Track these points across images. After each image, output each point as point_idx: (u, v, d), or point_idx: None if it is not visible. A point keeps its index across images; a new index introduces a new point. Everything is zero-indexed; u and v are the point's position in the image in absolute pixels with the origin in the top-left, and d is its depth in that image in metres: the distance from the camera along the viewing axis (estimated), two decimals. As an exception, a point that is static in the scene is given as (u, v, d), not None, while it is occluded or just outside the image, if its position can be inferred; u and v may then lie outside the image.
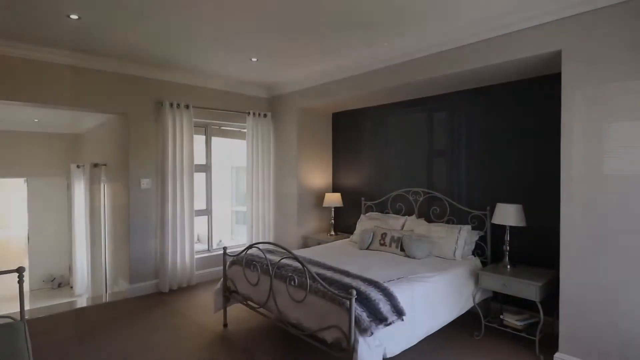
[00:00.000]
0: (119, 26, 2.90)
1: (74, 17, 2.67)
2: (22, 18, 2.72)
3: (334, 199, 4.72)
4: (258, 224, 4.98)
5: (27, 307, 5.47)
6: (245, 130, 4.96)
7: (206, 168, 4.82)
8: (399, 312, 2.24)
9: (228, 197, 7.73)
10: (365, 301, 2.17)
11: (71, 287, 6.94)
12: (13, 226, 10.57)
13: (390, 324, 2.17)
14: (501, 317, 3.01)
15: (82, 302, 4.29)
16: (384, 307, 2.20)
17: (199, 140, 4.77)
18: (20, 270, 2.33)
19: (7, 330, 2.09)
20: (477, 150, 3.58)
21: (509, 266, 3.04)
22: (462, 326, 3.16)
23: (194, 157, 4.40)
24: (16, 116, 5.58)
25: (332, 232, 4.75)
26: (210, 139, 4.86)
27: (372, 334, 2.07)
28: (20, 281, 2.34)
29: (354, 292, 2.06)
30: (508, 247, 3.08)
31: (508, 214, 2.99)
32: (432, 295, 2.69)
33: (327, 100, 4.35)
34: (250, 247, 3.03)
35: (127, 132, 4.03)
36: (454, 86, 3.57)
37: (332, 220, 4.80)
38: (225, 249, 3.30)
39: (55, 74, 3.52)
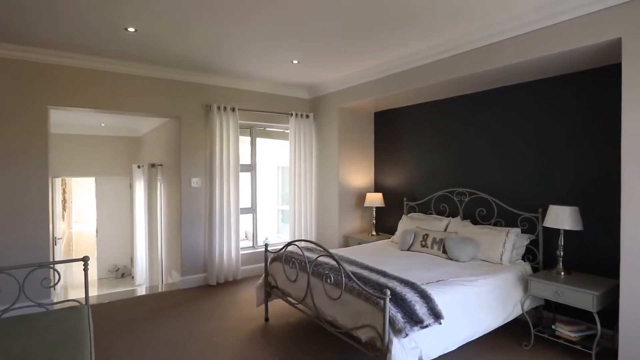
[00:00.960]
0: (171, 37, 3.13)
1: (131, 30, 2.94)
2: (87, 33, 3.04)
3: (375, 199, 4.68)
4: (300, 223, 5.08)
5: (94, 293, 6.03)
6: (288, 131, 5.09)
7: (251, 168, 5.02)
8: (437, 315, 2.18)
9: (274, 196, 7.96)
10: (400, 302, 2.15)
11: (132, 277, 7.57)
12: (86, 221, 11.75)
13: (426, 326, 2.12)
14: (553, 327, 2.80)
15: (140, 291, 4.67)
16: (420, 309, 2.16)
17: (245, 141, 4.99)
18: (85, 259, 2.60)
19: (74, 313, 2.34)
20: (527, 148, 3.37)
21: (562, 273, 2.82)
22: (510, 335, 2.99)
23: (239, 157, 4.60)
24: (86, 121, 6.22)
25: (374, 232, 4.72)
26: (255, 140, 5.05)
27: (406, 335, 2.04)
28: (85, 269, 2.62)
29: (388, 292, 2.05)
30: (562, 253, 2.87)
31: (562, 217, 2.78)
32: (474, 299, 2.58)
33: (368, 100, 4.33)
34: (289, 244, 3.12)
35: (179, 134, 4.33)
36: (501, 81, 3.39)
37: (374, 221, 4.76)
38: (266, 245, 3.42)
39: (116, 82, 3.88)
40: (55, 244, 5.54)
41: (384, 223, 4.89)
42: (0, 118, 3.35)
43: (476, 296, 2.61)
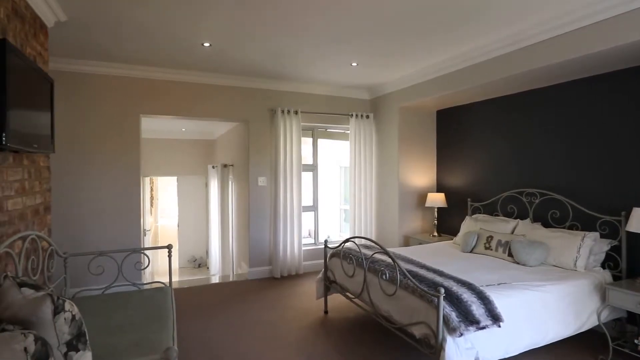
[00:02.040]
0: (241, 49, 3.44)
1: (206, 45, 3.30)
2: (171, 50, 3.48)
3: (437, 199, 4.59)
4: (360, 222, 5.16)
5: (175, 279, 6.74)
6: (348, 132, 5.20)
7: (313, 168, 5.23)
8: (495, 318, 2.13)
9: (337, 195, 8.12)
10: (455, 301, 2.14)
11: (207, 268, 8.31)
12: (169, 216, 13.08)
13: (483, 327, 2.09)
14: (636, 341, 2.53)
15: (214, 280, 5.16)
16: (477, 310, 2.13)
17: (307, 142, 5.22)
18: (169, 247, 2.99)
19: (160, 293, 2.72)
20: (605, 146, 3.07)
21: (649, 283, 2.54)
22: (585, 346, 2.77)
23: (301, 157, 4.83)
24: (169, 127, 6.98)
25: (435, 233, 4.63)
26: (317, 141, 5.25)
27: (461, 334, 2.03)
28: (169, 255, 3.01)
29: (442, 290, 2.06)
30: (649, 260, 2.58)
31: (649, 221, 2.50)
32: (539, 305, 2.45)
33: (430, 98, 4.27)
34: (346, 241, 3.24)
35: (248, 136, 4.69)
36: (575, 74, 3.13)
37: (435, 221, 4.67)
38: (326, 241, 3.58)
39: (194, 91, 4.34)
40: (145, 235, 6.33)
41: (446, 224, 4.77)
42: (103, 126, 3.96)
43: (543, 302, 2.47)
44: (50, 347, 1.24)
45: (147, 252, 3.34)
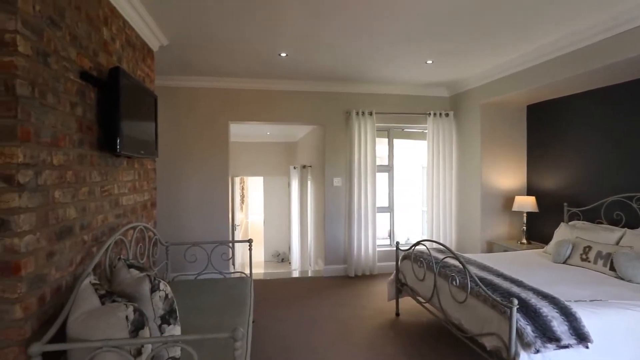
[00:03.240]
0: (316, 56, 3.62)
1: (283, 55, 3.54)
2: (253, 62, 3.80)
3: (526, 203, 4.18)
4: (439, 225, 4.96)
5: (260, 271, 7.27)
6: (426, 131, 5.04)
7: (388, 169, 5.19)
8: (581, 337, 1.91)
9: (417, 197, 7.89)
10: (532, 314, 1.97)
11: (289, 262, 8.78)
12: (257, 213, 14.12)
13: (565, 346, 1.88)
14: None
15: (293, 274, 5.47)
16: (559, 327, 1.92)
17: (383, 142, 5.20)
18: (249, 241, 3.29)
19: (242, 282, 3.02)
20: None
21: None
22: None
23: (376, 158, 4.84)
24: (255, 131, 7.56)
25: (523, 240, 4.22)
26: (392, 141, 5.20)
27: (537, 351, 1.86)
28: (250, 249, 3.31)
29: (515, 302, 1.91)
30: None
31: None
32: (645, 329, 2.10)
33: (519, 92, 3.90)
34: (417, 243, 3.17)
35: (324, 138, 4.86)
36: None
37: (524, 227, 4.26)
38: (397, 243, 3.54)
39: (274, 98, 4.67)
40: (235, 230, 6.98)
41: (537, 230, 4.31)
42: (196, 132, 4.51)
43: (650, 326, 2.12)
44: (146, 318, 1.52)
45: (233, 244, 3.72)
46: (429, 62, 3.82)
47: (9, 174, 1.33)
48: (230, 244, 3.65)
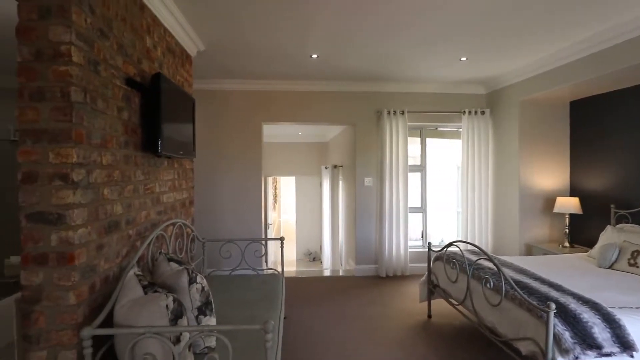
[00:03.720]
0: (347, 57, 3.64)
1: (314, 56, 3.60)
2: (285, 65, 3.89)
3: (568, 205, 3.97)
4: (474, 226, 4.83)
5: (292, 269, 7.37)
6: (461, 130, 4.91)
7: (421, 168, 5.11)
8: (626, 345, 1.81)
9: (452, 197, 7.68)
10: (571, 320, 1.89)
11: (321, 262, 8.85)
12: (290, 212, 14.33)
13: (607, 354, 1.79)
14: None
15: (325, 273, 5.52)
16: (601, 334, 1.83)
17: (416, 142, 5.13)
18: (281, 239, 3.37)
19: (273, 278, 3.10)
20: None
21: None
22: None
23: (408, 158, 4.78)
24: (287, 131, 7.70)
25: (566, 244, 4.01)
26: (425, 141, 5.11)
27: (576, 358, 1.78)
28: (281, 247, 3.39)
29: (553, 306, 1.84)
30: None
31: None
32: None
33: (561, 88, 3.71)
34: (449, 245, 3.11)
35: (355, 138, 4.87)
36: None
37: (566, 230, 4.04)
38: (429, 244, 3.49)
39: (305, 99, 4.73)
40: (267, 228, 7.14)
41: (581, 233, 4.08)
42: (230, 134, 4.66)
43: None
44: (184, 308, 1.61)
45: (265, 242, 3.83)
46: (463, 59, 3.73)
47: (64, 172, 1.47)
48: (263, 242, 3.75)
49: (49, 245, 1.46)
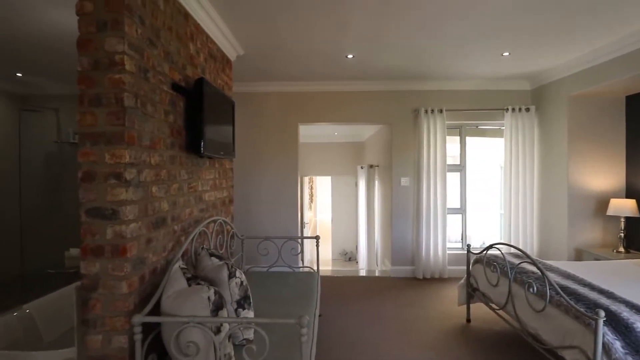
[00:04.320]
0: (383, 55, 3.62)
1: (350, 56, 3.61)
2: (321, 66, 3.94)
3: (623, 207, 3.69)
4: (517, 229, 4.61)
5: (328, 268, 7.43)
6: (503, 128, 4.71)
7: (460, 168, 4.96)
8: (687, 360, 1.66)
9: (495, 198, 7.38)
10: (623, 329, 1.77)
11: (356, 262, 8.83)
12: (326, 211, 14.42)
13: (665, 368, 1.66)
14: None
15: (360, 273, 5.51)
16: (658, 346, 1.70)
17: (455, 141, 4.99)
18: (317, 238, 3.42)
19: (309, 276, 3.16)
20: None
21: None
22: None
23: (446, 157, 4.66)
24: (323, 131, 7.75)
25: (621, 249, 3.73)
26: (465, 139, 4.95)
27: (629, 370, 1.67)
28: (317, 245, 3.44)
29: (602, 313, 1.73)
30: None
31: None
32: None
33: (615, 81, 3.46)
34: (490, 247, 3.00)
35: (391, 138, 4.83)
36: None
37: (622, 234, 3.75)
38: (469, 246, 3.39)
39: (340, 99, 4.76)
40: (303, 227, 7.24)
41: (638, 238, 3.78)
42: (268, 135, 4.79)
43: None
44: (225, 301, 1.70)
45: (301, 240, 3.90)
46: (505, 54, 3.58)
47: (119, 172, 1.60)
48: (299, 240, 3.82)
49: (104, 238, 1.60)
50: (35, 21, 2.62)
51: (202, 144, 2.27)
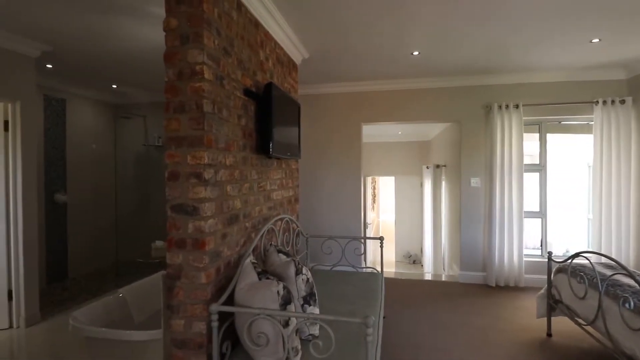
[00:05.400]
0: (450, 50, 3.46)
1: (415, 53, 3.51)
2: (385, 64, 3.88)
3: None
4: (610, 235, 4.09)
5: (392, 270, 7.31)
6: (592, 123, 4.21)
7: (539, 168, 4.54)
8: None
9: (583, 201, 6.63)
10: None
11: (421, 265, 8.53)
12: (389, 212, 14.17)
13: None
14: None
15: (425, 277, 5.32)
16: None
17: (533, 138, 4.58)
18: (381, 239, 3.39)
19: (373, 276, 3.14)
20: None
21: None
22: None
23: (523, 156, 4.30)
24: (386, 131, 7.62)
25: None
26: (545, 137, 4.52)
27: None
28: (381, 246, 3.41)
29: None
30: None
31: None
32: None
33: None
34: (576, 255, 2.71)
35: (460, 136, 4.59)
36: None
37: None
38: (550, 254, 3.10)
39: (405, 97, 4.65)
40: (366, 227, 7.20)
41: None
42: (331, 134, 4.85)
43: None
44: (292, 296, 1.77)
45: (364, 241, 3.88)
46: (595, 40, 3.19)
47: (198, 172, 1.75)
48: (363, 240, 3.81)
49: (186, 232, 1.76)
50: (127, 38, 2.96)
51: (270, 145, 2.38)
